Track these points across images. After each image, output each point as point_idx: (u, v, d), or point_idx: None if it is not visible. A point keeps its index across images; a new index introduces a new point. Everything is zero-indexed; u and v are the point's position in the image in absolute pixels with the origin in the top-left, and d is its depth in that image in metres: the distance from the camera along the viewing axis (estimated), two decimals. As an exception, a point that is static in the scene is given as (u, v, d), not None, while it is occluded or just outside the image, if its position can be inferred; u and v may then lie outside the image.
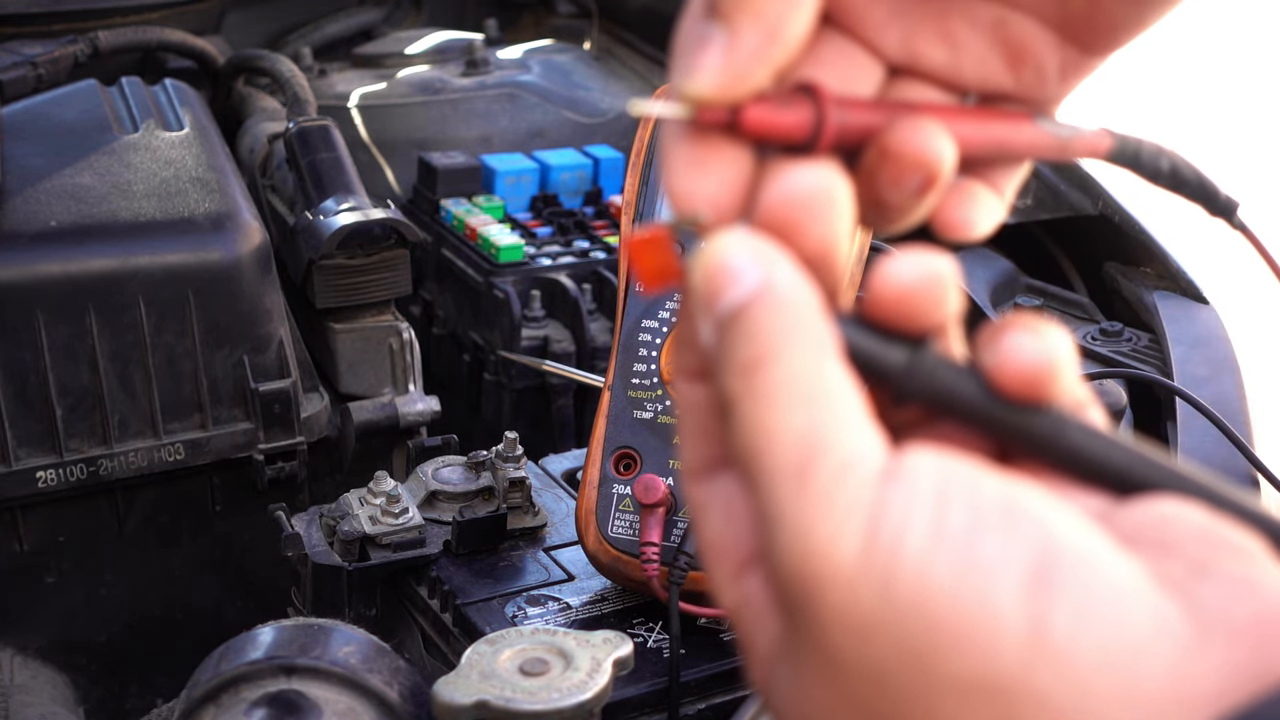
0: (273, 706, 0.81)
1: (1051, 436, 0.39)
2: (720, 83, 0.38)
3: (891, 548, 0.35)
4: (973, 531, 0.35)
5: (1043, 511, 0.35)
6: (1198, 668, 0.33)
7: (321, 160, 1.49)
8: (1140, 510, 0.38)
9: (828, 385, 0.37)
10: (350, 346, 1.44)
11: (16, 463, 1.24)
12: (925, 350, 0.39)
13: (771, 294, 0.37)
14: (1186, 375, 1.28)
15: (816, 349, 0.37)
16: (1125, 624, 0.34)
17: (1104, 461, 0.39)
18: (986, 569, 0.34)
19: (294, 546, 1.04)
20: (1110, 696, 0.33)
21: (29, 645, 1.29)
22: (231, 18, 2.06)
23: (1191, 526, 0.37)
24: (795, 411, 0.36)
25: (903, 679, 0.35)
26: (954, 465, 0.36)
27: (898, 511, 0.35)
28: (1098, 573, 0.34)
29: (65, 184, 1.32)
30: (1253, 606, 0.34)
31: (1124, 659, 0.33)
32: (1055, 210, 1.57)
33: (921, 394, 0.39)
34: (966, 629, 0.34)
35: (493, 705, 0.78)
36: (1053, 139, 0.43)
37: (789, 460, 0.36)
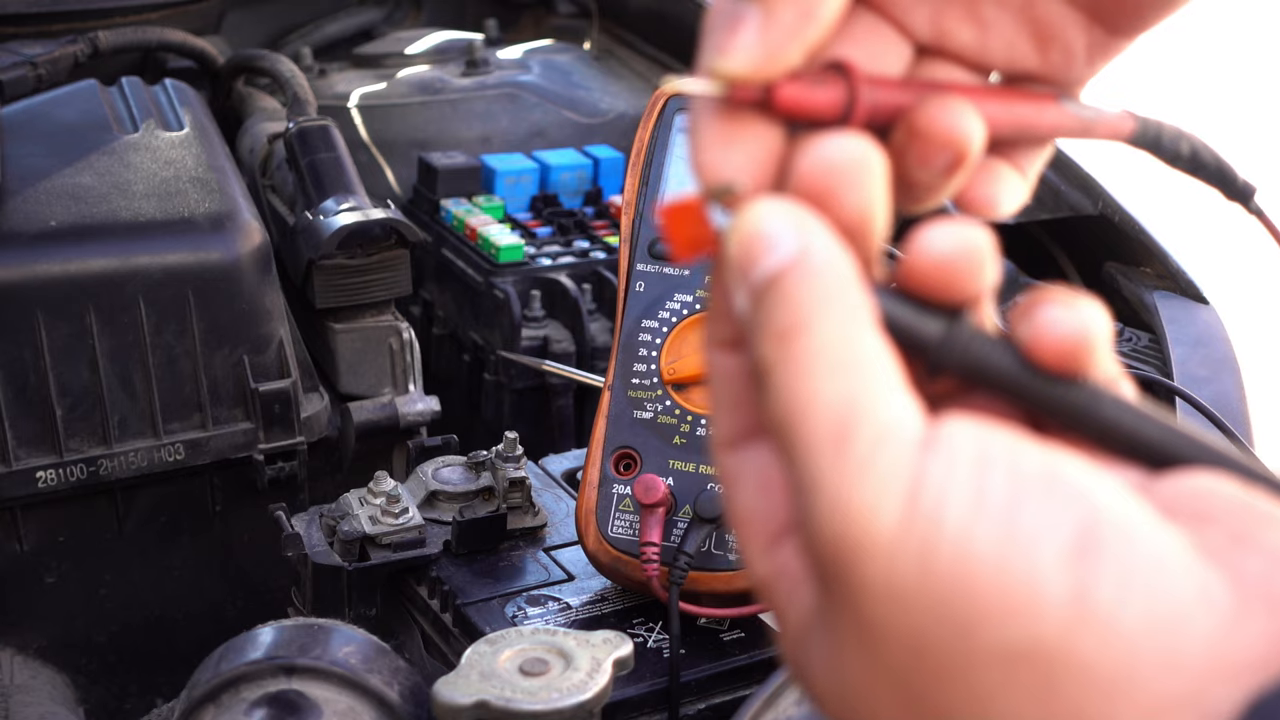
0: (273, 706, 0.81)
1: (1087, 409, 0.39)
2: (754, 61, 0.38)
3: (931, 516, 0.34)
4: (1014, 500, 0.34)
5: (1085, 481, 0.35)
6: (1239, 637, 0.33)
7: (321, 160, 1.49)
8: (1176, 483, 0.38)
9: (865, 353, 0.36)
10: (350, 346, 1.44)
11: (16, 463, 1.24)
12: (962, 321, 0.39)
13: (808, 262, 0.37)
14: (1186, 375, 1.28)
15: (853, 317, 0.37)
16: (1168, 593, 0.34)
17: (1139, 435, 0.39)
18: (1029, 538, 0.34)
19: (294, 546, 1.04)
20: (1153, 664, 0.33)
21: (29, 645, 1.29)
22: (231, 18, 2.06)
23: (1228, 499, 0.37)
24: (832, 379, 0.36)
25: (943, 649, 0.35)
26: (994, 434, 0.36)
27: (937, 479, 0.35)
28: (1140, 542, 0.34)
29: (65, 184, 1.32)
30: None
31: (1167, 627, 0.33)
32: (1055, 210, 1.57)
33: (958, 365, 0.39)
34: (1009, 598, 0.34)
35: (493, 705, 0.78)
36: (1077, 119, 0.43)
37: (826, 428, 0.36)
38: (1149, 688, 0.33)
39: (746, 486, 0.40)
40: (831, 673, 0.38)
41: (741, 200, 0.38)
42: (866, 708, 0.37)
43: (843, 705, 0.38)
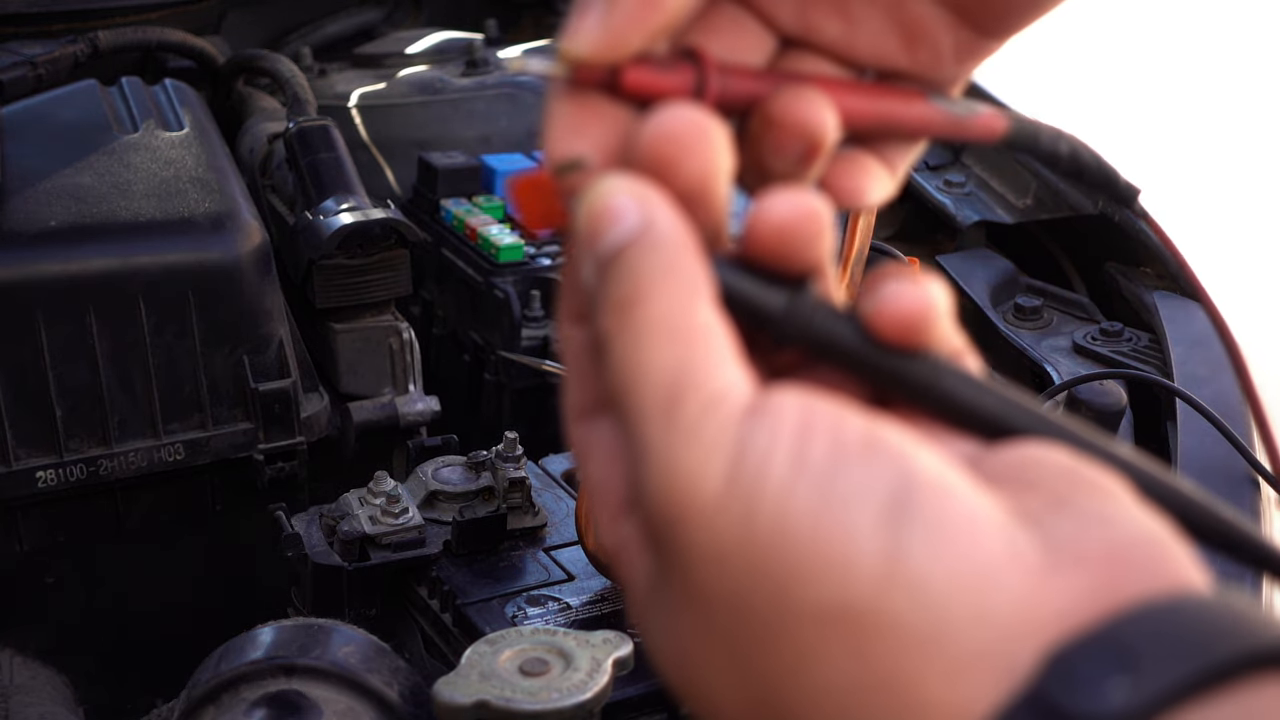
0: (273, 706, 0.81)
1: (926, 382, 0.39)
2: (597, 44, 0.39)
3: (753, 480, 0.35)
4: (834, 464, 0.35)
5: (903, 446, 0.36)
6: (1046, 592, 0.34)
7: (321, 160, 1.49)
8: (1008, 453, 0.38)
9: (698, 324, 0.37)
10: (350, 346, 1.44)
11: (16, 463, 1.24)
12: (804, 294, 0.39)
13: (649, 235, 0.38)
14: (1186, 375, 1.28)
15: (689, 289, 0.38)
16: (977, 551, 0.34)
17: (977, 407, 0.39)
18: (845, 500, 0.35)
19: (294, 546, 1.04)
20: (962, 619, 0.34)
21: (29, 645, 1.29)
22: (231, 18, 2.06)
23: (1055, 466, 0.38)
24: (664, 349, 0.37)
25: (763, 610, 0.36)
26: (819, 404, 0.37)
27: (761, 445, 0.36)
28: (953, 503, 0.35)
29: (65, 184, 1.32)
30: (1105, 537, 0.35)
31: (975, 584, 0.34)
32: (1055, 210, 1.57)
33: (799, 337, 0.40)
34: (823, 558, 0.35)
35: (493, 705, 0.78)
36: (946, 116, 0.44)
37: (657, 396, 0.37)
38: (958, 642, 0.34)
39: (595, 458, 0.41)
40: (667, 638, 0.39)
41: (589, 175, 0.39)
42: (699, 671, 0.38)
43: (679, 670, 0.39)
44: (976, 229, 1.57)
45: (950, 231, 1.58)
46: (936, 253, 1.55)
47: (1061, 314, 1.45)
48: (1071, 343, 1.38)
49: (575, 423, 0.42)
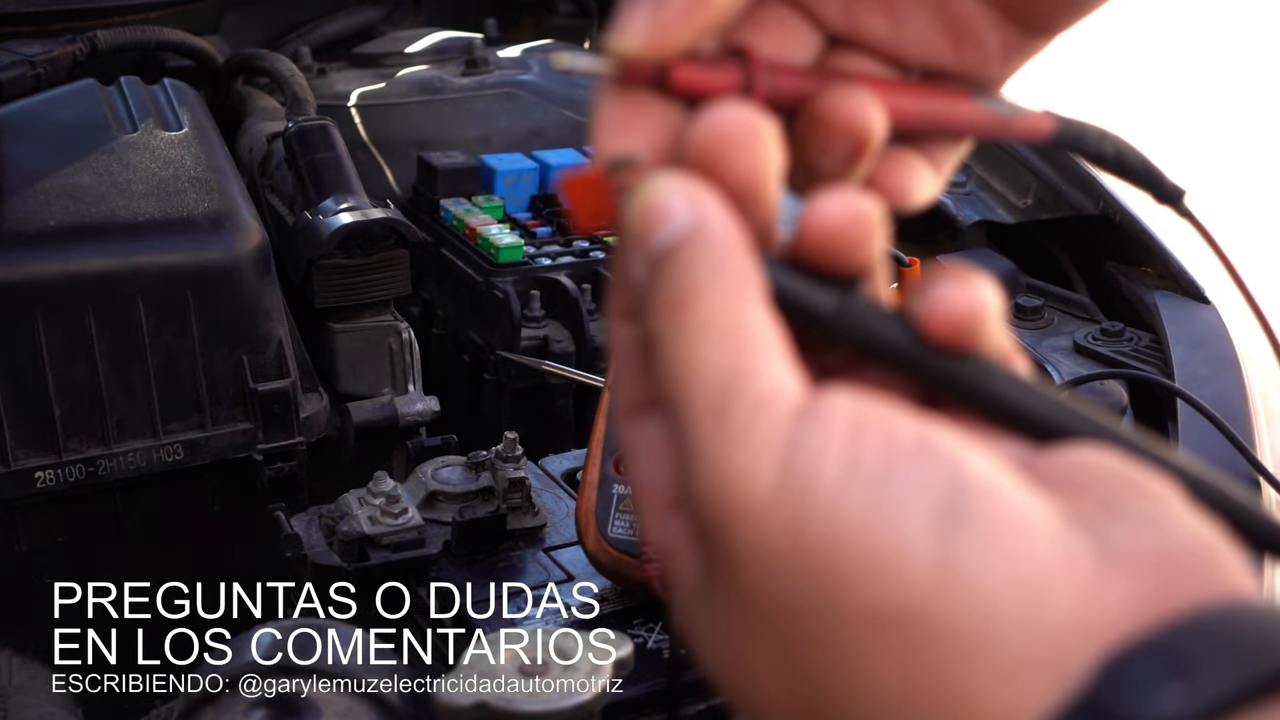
0: (272, 707, 0.80)
1: (976, 383, 0.39)
2: (646, 41, 0.39)
3: (805, 482, 0.35)
4: (886, 467, 0.35)
5: (955, 449, 0.36)
6: (1100, 600, 0.34)
7: (321, 160, 1.48)
8: (1059, 456, 0.38)
9: (750, 324, 0.37)
10: (350, 346, 1.44)
11: (15, 463, 1.23)
12: (854, 294, 0.39)
13: (700, 234, 0.38)
14: (1187, 375, 1.27)
15: (740, 289, 0.37)
16: (1031, 557, 0.34)
17: (1026, 409, 0.39)
18: (897, 503, 0.35)
19: (293, 547, 1.04)
20: (1014, 625, 0.34)
21: (28, 645, 1.28)
22: (231, 17, 2.05)
23: (1106, 470, 0.37)
24: (716, 349, 0.37)
25: (813, 611, 0.35)
26: (871, 406, 0.37)
27: (812, 447, 0.36)
28: (1006, 508, 0.35)
29: (64, 184, 1.32)
30: (1157, 544, 0.35)
31: (1028, 590, 0.34)
32: (1056, 210, 1.57)
33: (849, 337, 0.39)
34: (875, 560, 0.34)
35: (493, 705, 0.78)
36: (992, 116, 0.44)
37: (708, 396, 0.37)
38: (1008, 649, 0.34)
39: (644, 456, 0.41)
40: (714, 638, 0.38)
41: (640, 173, 0.39)
42: (746, 672, 0.38)
43: (726, 670, 0.39)
44: (977, 229, 1.56)
45: (951, 231, 1.58)
46: (937, 253, 1.55)
47: (1062, 314, 1.45)
48: (1072, 343, 1.38)
49: (625, 420, 0.42)
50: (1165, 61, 4.76)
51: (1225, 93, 4.57)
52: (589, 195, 0.40)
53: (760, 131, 0.38)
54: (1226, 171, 3.97)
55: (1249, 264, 1.37)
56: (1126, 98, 4.39)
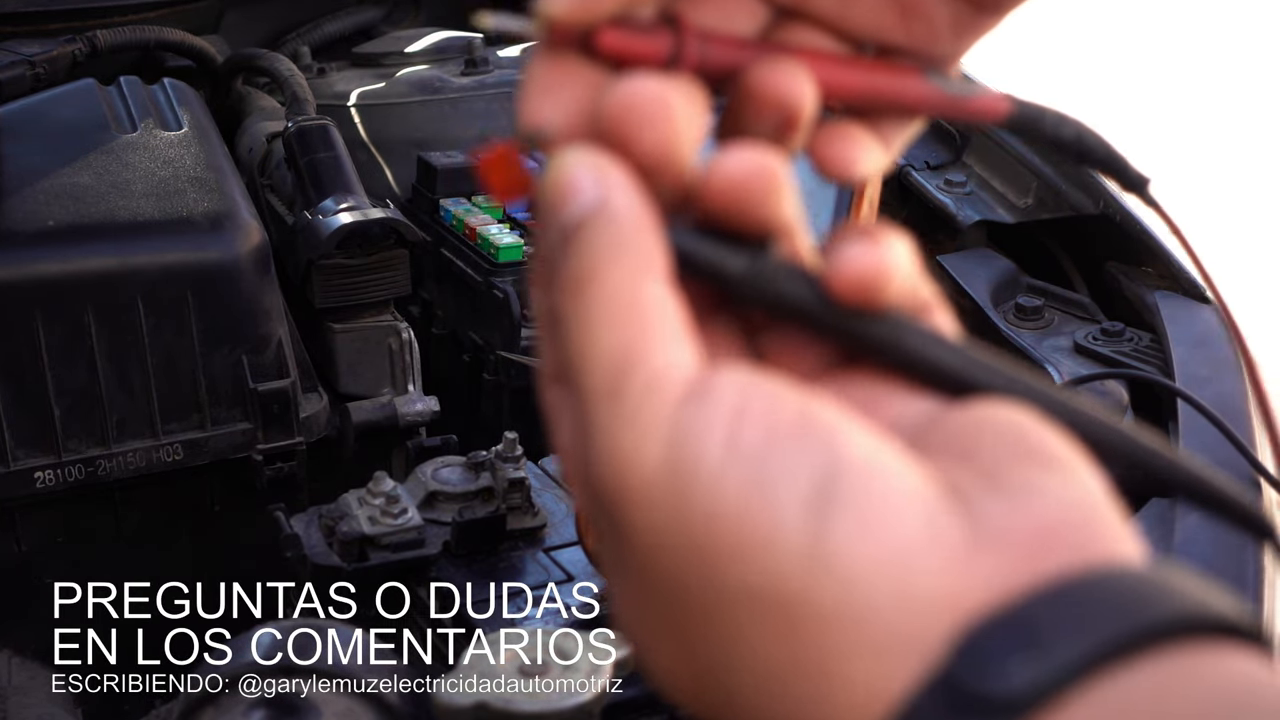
0: (271, 707, 0.80)
1: (887, 341, 0.39)
2: (574, 4, 0.39)
3: (688, 461, 0.36)
4: (765, 447, 0.36)
5: (834, 428, 0.36)
6: (966, 575, 0.34)
7: (320, 160, 1.48)
8: (962, 414, 0.39)
9: (646, 304, 0.37)
10: (349, 346, 1.44)
11: (14, 463, 1.23)
12: (766, 255, 0.39)
13: (604, 211, 0.38)
14: (1188, 375, 1.27)
15: (640, 268, 0.38)
16: (899, 535, 0.35)
17: (938, 364, 0.39)
18: (773, 483, 0.35)
19: (293, 547, 1.04)
20: (881, 603, 0.34)
21: (27, 645, 1.28)
22: (230, 17, 2.05)
23: (1002, 432, 0.38)
24: (611, 330, 0.37)
25: (697, 589, 0.36)
26: (757, 383, 0.37)
27: (697, 428, 0.36)
28: (878, 485, 0.35)
29: (63, 183, 1.32)
30: (1032, 516, 0.35)
31: (895, 568, 0.34)
32: (1056, 210, 1.57)
33: (761, 299, 0.40)
34: (751, 541, 0.35)
35: (493, 705, 0.78)
36: (943, 94, 0.43)
37: (603, 377, 0.37)
38: (876, 627, 0.34)
39: (563, 425, 0.41)
40: (622, 606, 0.39)
41: (553, 146, 0.39)
42: (648, 641, 0.39)
43: (634, 639, 0.40)
44: (977, 229, 1.56)
45: (951, 231, 1.58)
46: (937, 252, 1.55)
47: (1062, 314, 1.45)
48: (1072, 343, 1.38)
49: (546, 389, 0.42)
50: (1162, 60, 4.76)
51: (1219, 90, 4.57)
52: (504, 169, 0.41)
53: (671, 104, 0.39)
54: (1222, 169, 3.97)
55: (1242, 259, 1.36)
56: (1127, 98, 4.39)
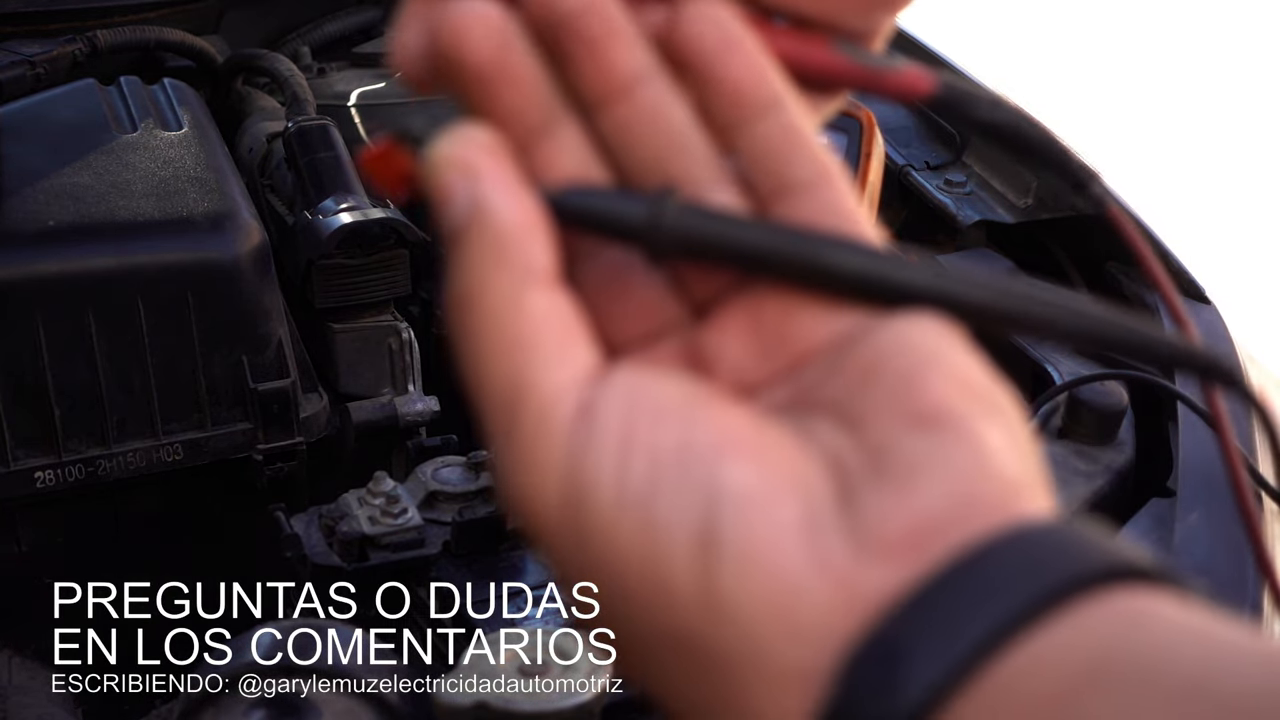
0: (272, 707, 0.80)
1: (808, 261, 0.38)
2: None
3: (584, 509, 0.35)
4: (651, 487, 0.35)
5: (716, 449, 0.36)
6: (855, 593, 0.34)
7: (321, 160, 1.48)
8: (867, 345, 0.37)
9: (527, 323, 0.37)
10: (349, 346, 1.44)
11: (14, 463, 1.23)
12: (666, 200, 0.38)
13: (478, 220, 0.37)
14: (1188, 375, 1.27)
15: (518, 279, 0.37)
16: (782, 568, 0.34)
17: (856, 278, 0.38)
18: (662, 530, 0.35)
19: (293, 547, 1.04)
20: (774, 639, 0.34)
21: (27, 646, 1.28)
22: (230, 17, 2.05)
23: (896, 380, 0.36)
24: (497, 360, 0.37)
25: (620, 631, 0.36)
26: (642, 394, 0.36)
27: (588, 467, 0.36)
28: (760, 520, 0.35)
29: (63, 183, 1.32)
30: (911, 511, 0.34)
31: (782, 600, 0.34)
32: (1056, 210, 1.57)
33: (667, 248, 0.38)
34: (650, 590, 0.35)
35: (493, 705, 0.78)
36: (856, 67, 0.41)
37: (497, 414, 0.37)
38: (774, 663, 0.34)
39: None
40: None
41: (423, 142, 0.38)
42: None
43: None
44: (977, 228, 1.56)
45: (951, 231, 1.58)
46: (937, 252, 1.55)
47: (1062, 314, 1.45)
48: (1072, 343, 1.38)
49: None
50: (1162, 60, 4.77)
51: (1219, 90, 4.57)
52: (386, 165, 0.39)
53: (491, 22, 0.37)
54: (1223, 169, 3.97)
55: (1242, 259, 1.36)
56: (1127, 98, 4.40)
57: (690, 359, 0.40)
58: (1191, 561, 1.08)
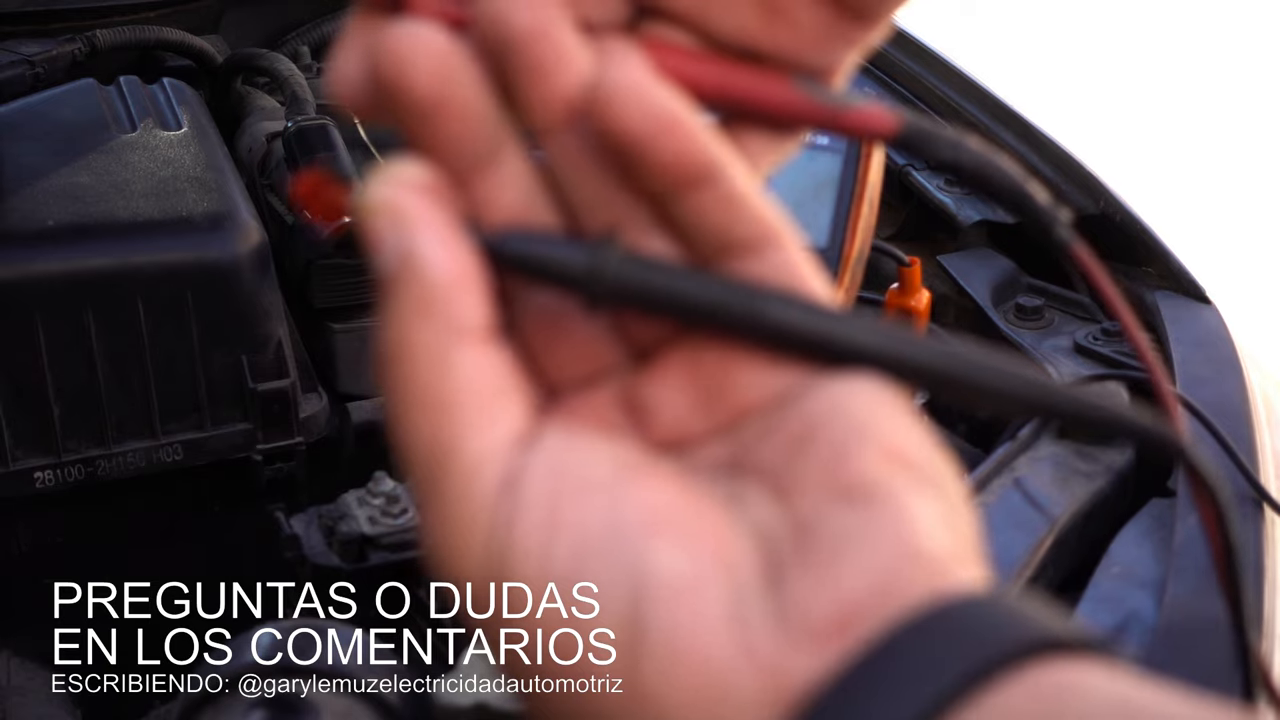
0: (271, 708, 0.80)
1: (749, 314, 0.37)
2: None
3: (507, 578, 0.35)
4: (576, 569, 0.34)
5: (642, 535, 0.35)
6: (783, 683, 0.33)
7: (320, 160, 1.48)
8: (802, 407, 0.37)
9: (454, 382, 0.35)
10: (349, 346, 1.44)
11: (14, 463, 1.23)
12: (607, 248, 0.37)
13: (405, 271, 0.35)
14: (1188, 376, 1.27)
15: (447, 337, 0.35)
16: (708, 661, 0.33)
17: (803, 334, 0.37)
18: (588, 617, 0.34)
19: (292, 547, 1.04)
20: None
21: (26, 646, 1.28)
22: (230, 16, 2.05)
23: (826, 450, 0.35)
24: (423, 418, 0.36)
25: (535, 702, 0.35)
26: (569, 478, 0.35)
27: (512, 540, 0.35)
28: (686, 609, 0.34)
29: (63, 183, 1.32)
30: (835, 595, 0.34)
31: (710, 696, 0.33)
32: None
33: (608, 296, 0.37)
34: (574, 682, 0.34)
35: (493, 706, 0.78)
36: (814, 105, 0.40)
37: (422, 472, 0.36)
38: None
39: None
40: None
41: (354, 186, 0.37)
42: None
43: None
44: (978, 228, 1.56)
45: (951, 231, 1.58)
46: (937, 252, 1.55)
47: (1062, 314, 1.45)
48: (1073, 343, 1.38)
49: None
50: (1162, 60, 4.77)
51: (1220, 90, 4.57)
52: (317, 196, 0.39)
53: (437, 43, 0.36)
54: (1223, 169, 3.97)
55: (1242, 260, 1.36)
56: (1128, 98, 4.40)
57: (628, 406, 0.39)
58: (1192, 561, 1.08)
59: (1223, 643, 0.95)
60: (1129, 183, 1.52)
